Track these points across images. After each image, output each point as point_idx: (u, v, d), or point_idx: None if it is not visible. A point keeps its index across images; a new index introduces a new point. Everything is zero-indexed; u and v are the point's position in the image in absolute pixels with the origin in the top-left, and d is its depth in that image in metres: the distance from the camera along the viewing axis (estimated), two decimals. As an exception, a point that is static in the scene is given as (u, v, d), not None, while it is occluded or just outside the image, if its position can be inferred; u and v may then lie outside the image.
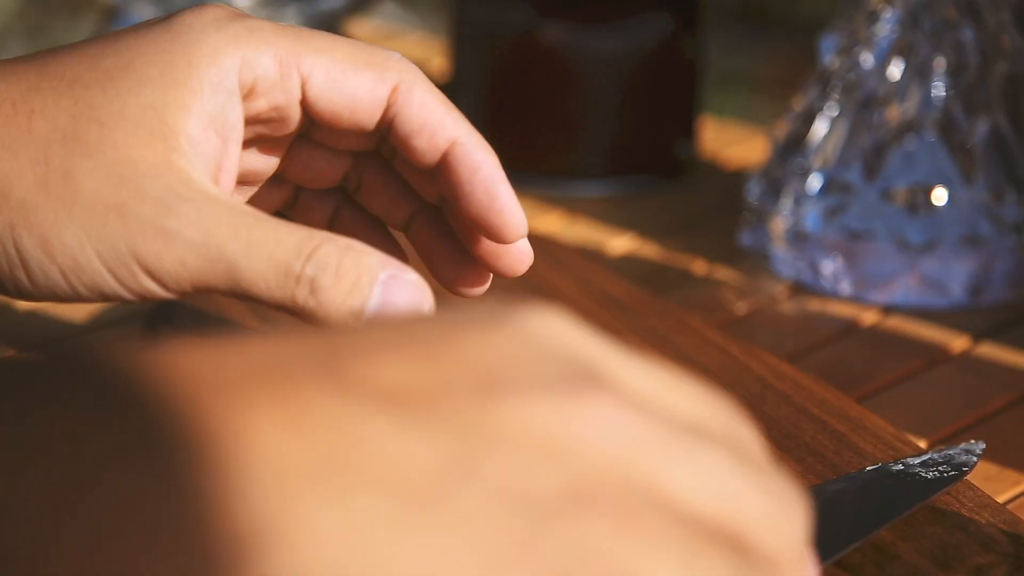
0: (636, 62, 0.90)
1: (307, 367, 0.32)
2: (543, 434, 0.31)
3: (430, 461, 0.30)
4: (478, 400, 0.32)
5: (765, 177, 0.81)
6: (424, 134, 0.51)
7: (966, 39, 0.77)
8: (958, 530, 0.52)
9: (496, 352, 0.33)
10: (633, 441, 0.32)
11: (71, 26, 2.30)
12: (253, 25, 0.50)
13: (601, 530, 0.31)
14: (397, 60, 0.52)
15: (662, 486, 0.32)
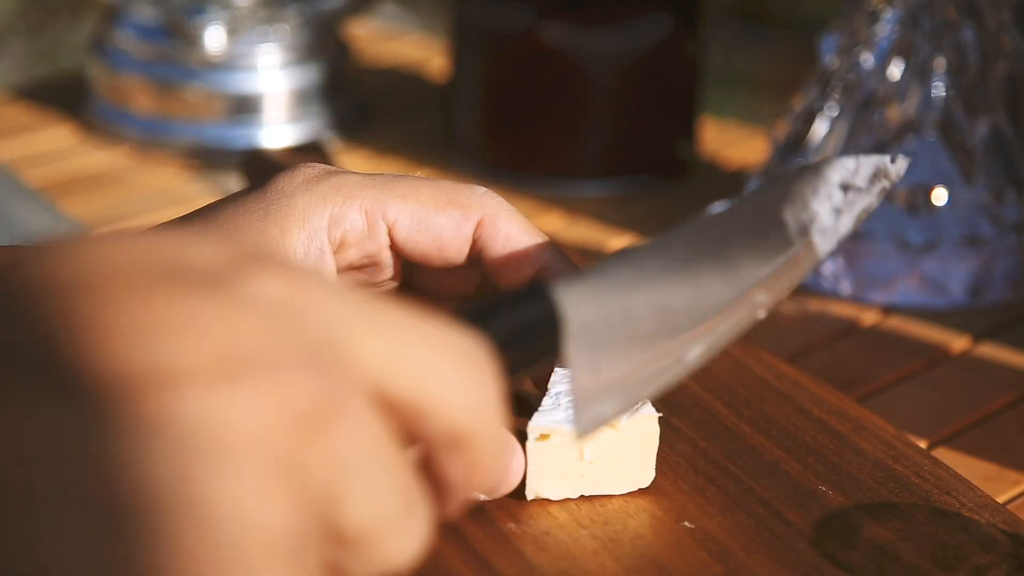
0: (636, 62, 0.90)
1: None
2: (253, 431, 0.33)
3: (151, 477, 0.32)
4: (201, 396, 0.32)
5: (765, 177, 0.81)
6: (511, 264, 0.54)
7: (966, 39, 0.77)
8: (958, 530, 0.52)
9: (224, 327, 0.33)
10: (308, 430, 0.34)
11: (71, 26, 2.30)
12: (340, 182, 0.53)
13: (347, 501, 0.34)
14: (480, 196, 0.54)
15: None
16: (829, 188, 0.49)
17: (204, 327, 0.33)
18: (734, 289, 0.47)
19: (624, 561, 0.50)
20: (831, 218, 0.49)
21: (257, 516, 0.32)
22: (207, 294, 0.33)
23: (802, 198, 0.49)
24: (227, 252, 0.35)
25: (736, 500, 0.54)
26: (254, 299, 0.34)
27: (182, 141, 0.97)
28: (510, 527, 0.52)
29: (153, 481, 0.32)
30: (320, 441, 0.33)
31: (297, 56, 0.98)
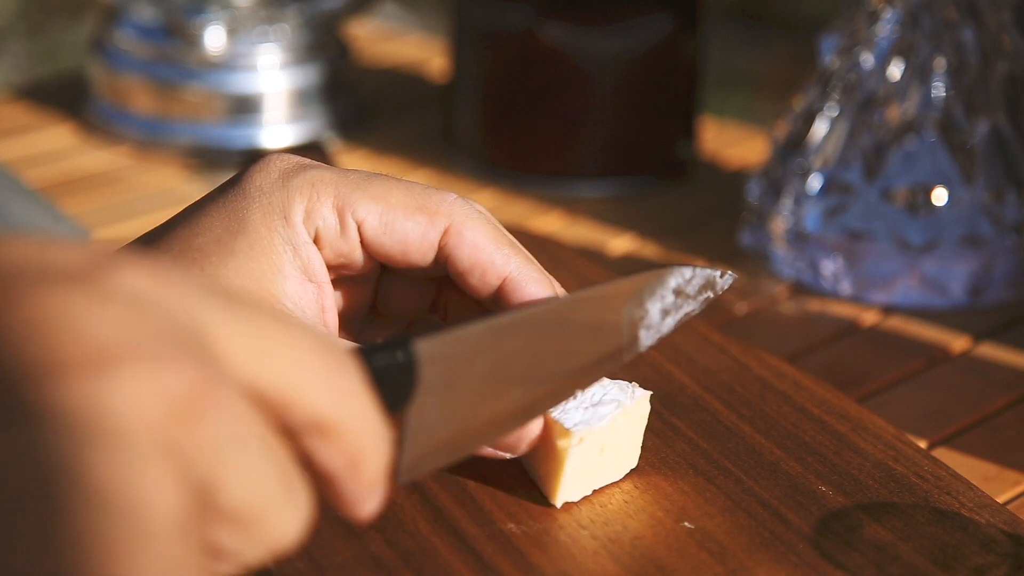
0: (636, 62, 0.90)
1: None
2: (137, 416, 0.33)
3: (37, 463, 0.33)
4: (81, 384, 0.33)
5: (765, 177, 0.81)
6: (475, 273, 0.54)
7: (966, 39, 0.77)
8: (958, 530, 0.52)
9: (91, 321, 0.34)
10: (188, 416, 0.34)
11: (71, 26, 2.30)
12: (314, 177, 0.54)
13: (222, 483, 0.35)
14: (450, 203, 0.54)
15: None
16: (664, 291, 0.54)
17: (74, 321, 0.34)
18: (565, 368, 0.51)
19: (624, 562, 0.50)
20: (658, 317, 0.54)
21: (144, 497, 0.33)
22: (73, 290, 0.34)
23: (640, 296, 0.53)
24: (88, 252, 0.36)
25: (736, 500, 0.54)
26: (119, 292, 0.35)
27: (182, 141, 0.97)
28: (510, 528, 0.52)
29: (44, 469, 0.33)
30: (196, 426, 0.34)
31: (297, 56, 0.98)
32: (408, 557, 0.50)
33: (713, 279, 0.55)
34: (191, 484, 0.34)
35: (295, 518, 0.37)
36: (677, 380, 0.62)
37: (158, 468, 0.34)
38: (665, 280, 0.54)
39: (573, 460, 0.52)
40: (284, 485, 0.36)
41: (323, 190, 0.53)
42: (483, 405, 0.49)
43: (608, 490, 0.54)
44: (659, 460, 0.56)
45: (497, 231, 0.54)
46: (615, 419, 0.53)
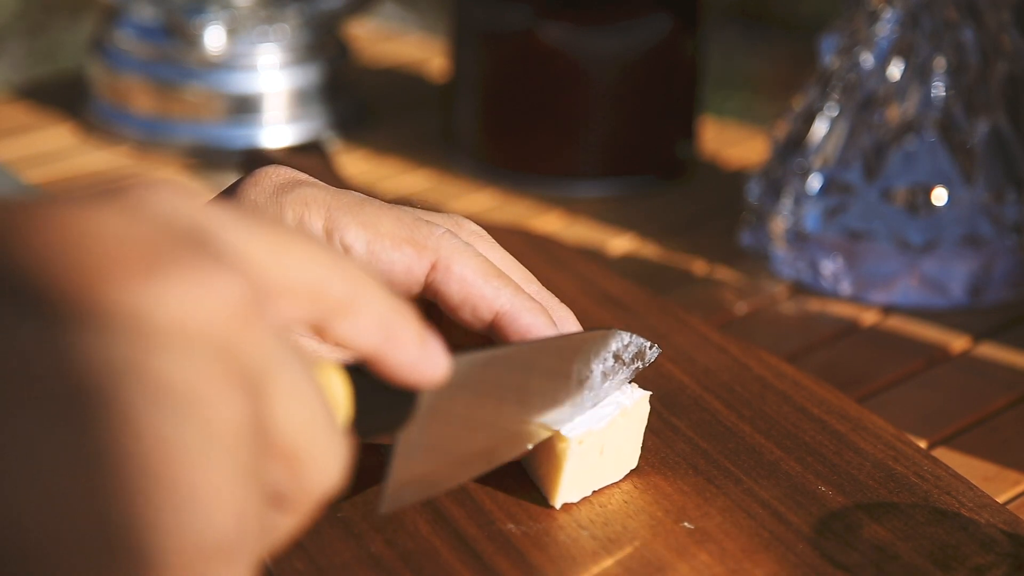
0: (636, 62, 0.90)
1: None
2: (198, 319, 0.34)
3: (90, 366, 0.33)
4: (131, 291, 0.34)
5: (765, 177, 0.81)
6: (467, 308, 0.54)
7: (966, 39, 0.77)
8: (958, 530, 0.52)
9: (122, 227, 0.35)
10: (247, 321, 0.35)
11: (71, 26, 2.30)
12: (307, 195, 0.53)
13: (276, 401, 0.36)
14: (439, 237, 0.54)
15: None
16: (606, 354, 0.54)
17: (116, 232, 0.34)
18: (523, 416, 0.52)
19: (624, 562, 0.50)
20: (599, 380, 0.54)
21: (209, 398, 0.34)
22: (109, 206, 0.35)
23: (587, 357, 0.53)
24: (112, 181, 0.37)
25: (736, 500, 0.54)
26: (150, 207, 0.36)
27: (182, 141, 0.97)
28: (510, 528, 0.52)
29: (108, 372, 0.33)
30: (251, 330, 0.35)
31: (297, 56, 0.98)
32: (408, 557, 0.50)
33: (644, 348, 0.55)
34: (249, 390, 0.35)
35: (336, 459, 0.38)
36: (677, 380, 0.62)
37: (220, 370, 0.34)
38: (608, 342, 0.54)
39: (572, 461, 0.52)
40: (324, 417, 0.37)
41: (315, 210, 0.53)
42: (458, 441, 0.49)
43: (608, 490, 0.54)
44: (659, 460, 0.56)
45: (486, 264, 0.54)
46: (614, 420, 0.53)
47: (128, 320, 0.33)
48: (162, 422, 0.33)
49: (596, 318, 0.68)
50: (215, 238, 0.36)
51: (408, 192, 0.91)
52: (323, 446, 0.37)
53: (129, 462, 0.33)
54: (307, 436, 0.37)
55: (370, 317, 0.40)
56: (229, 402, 0.34)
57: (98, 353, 0.33)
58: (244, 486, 0.35)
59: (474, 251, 0.54)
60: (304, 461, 0.37)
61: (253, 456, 0.35)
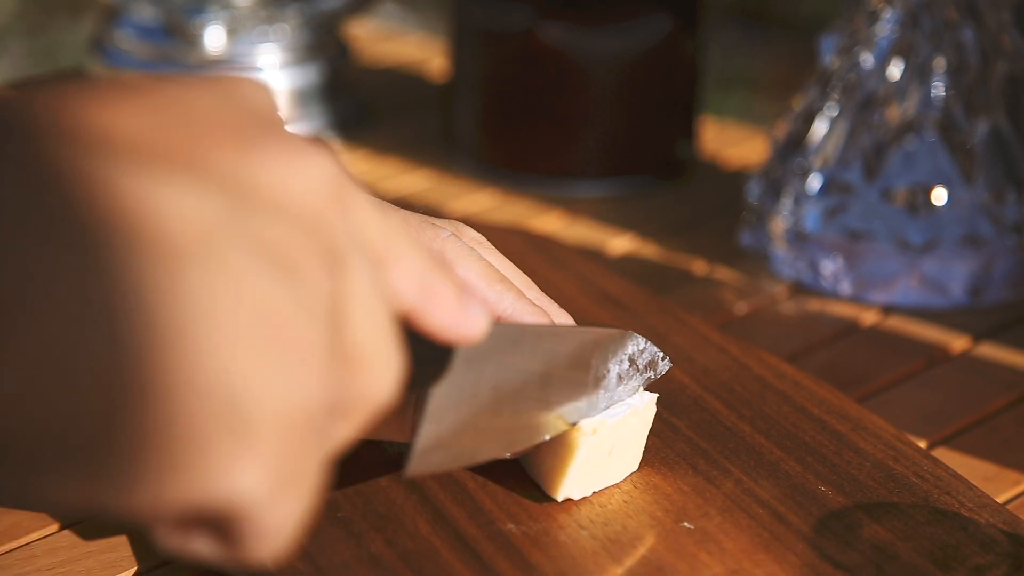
0: (636, 62, 0.90)
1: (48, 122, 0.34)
2: (295, 192, 0.35)
3: (195, 219, 0.33)
4: (232, 156, 0.35)
5: (765, 177, 0.81)
6: None
7: (966, 39, 0.77)
8: (958, 530, 0.52)
9: (219, 107, 0.36)
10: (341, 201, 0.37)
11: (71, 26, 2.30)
12: None
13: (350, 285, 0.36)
14: (443, 239, 0.54)
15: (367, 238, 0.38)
16: (623, 355, 0.54)
17: (212, 109, 0.36)
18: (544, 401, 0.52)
19: (624, 562, 0.50)
20: (615, 382, 0.55)
21: (298, 264, 0.34)
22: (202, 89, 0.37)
23: (606, 357, 0.54)
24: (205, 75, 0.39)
25: (736, 500, 0.54)
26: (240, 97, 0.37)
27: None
28: (510, 528, 0.52)
29: (209, 227, 0.33)
30: (340, 211, 0.36)
31: (297, 56, 0.98)
32: (408, 557, 0.50)
33: (656, 358, 0.56)
34: (333, 270, 0.36)
35: (393, 369, 0.38)
36: (677, 380, 0.62)
37: (312, 243, 0.35)
38: (625, 343, 0.54)
39: (583, 452, 0.52)
40: (387, 321, 0.38)
41: None
42: (484, 411, 0.49)
43: (608, 490, 0.54)
44: (659, 460, 0.56)
45: (489, 268, 0.54)
46: (625, 418, 0.54)
47: (230, 182, 0.34)
48: (261, 281, 0.33)
49: (596, 318, 0.68)
50: (296, 135, 0.37)
51: (408, 192, 0.91)
52: (384, 353, 0.37)
53: (226, 316, 0.33)
54: (371, 339, 0.37)
55: (406, 271, 0.40)
56: (320, 275, 0.35)
57: (195, 207, 0.33)
58: (330, 357, 0.35)
59: (478, 255, 0.54)
60: (365, 365, 0.37)
61: (334, 337, 0.35)
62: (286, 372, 0.33)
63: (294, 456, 0.34)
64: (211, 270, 0.33)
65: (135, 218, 0.33)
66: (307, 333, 0.34)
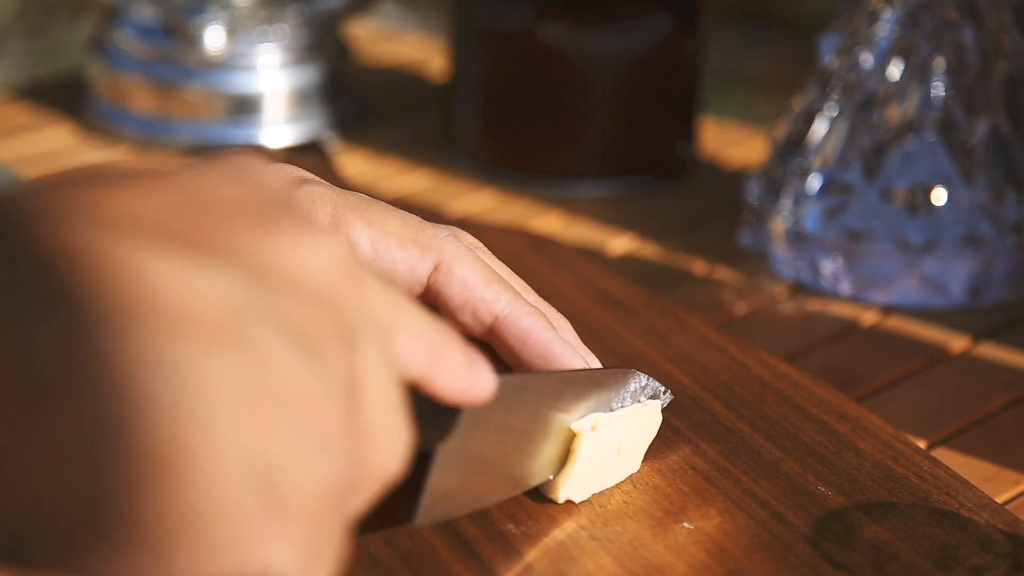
0: (636, 62, 0.90)
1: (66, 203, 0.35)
2: (312, 271, 0.36)
3: (222, 299, 0.34)
4: (252, 238, 0.35)
5: (765, 177, 0.81)
6: (467, 311, 0.54)
7: (966, 39, 0.77)
8: (957, 530, 0.52)
9: (235, 191, 0.37)
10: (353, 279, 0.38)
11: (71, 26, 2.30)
12: (314, 193, 0.54)
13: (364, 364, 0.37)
14: (442, 239, 0.54)
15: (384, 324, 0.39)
16: (625, 393, 0.54)
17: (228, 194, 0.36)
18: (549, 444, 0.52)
19: (623, 562, 0.50)
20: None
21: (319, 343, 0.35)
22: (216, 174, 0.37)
23: (608, 394, 0.54)
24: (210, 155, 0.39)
25: (735, 501, 0.54)
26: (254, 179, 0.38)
27: (182, 141, 0.97)
28: (509, 528, 0.52)
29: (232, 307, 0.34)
30: (353, 289, 0.37)
31: (297, 56, 0.98)
32: (407, 557, 0.50)
33: (658, 392, 0.56)
34: (347, 347, 0.36)
35: (402, 443, 0.38)
36: (676, 379, 0.62)
37: (329, 321, 0.36)
38: (628, 381, 0.54)
39: (584, 450, 0.52)
40: (397, 396, 0.38)
41: (321, 207, 0.53)
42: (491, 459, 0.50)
43: (607, 491, 0.54)
44: (658, 460, 0.56)
45: (487, 268, 0.54)
46: (628, 416, 0.54)
47: (251, 262, 0.34)
48: (287, 359, 0.34)
49: (596, 318, 0.68)
50: (308, 216, 0.38)
51: (408, 192, 0.91)
52: (394, 428, 0.38)
53: (257, 395, 0.33)
54: (382, 414, 0.37)
55: (414, 342, 0.41)
56: (336, 351, 0.35)
57: (221, 287, 0.34)
58: (348, 433, 0.35)
59: (476, 256, 0.54)
60: (376, 439, 0.37)
61: (350, 414, 0.36)
62: (314, 449, 0.34)
63: (323, 529, 0.35)
64: (239, 349, 0.33)
65: (163, 300, 0.33)
66: (330, 410, 0.35)
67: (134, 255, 0.33)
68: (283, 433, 0.34)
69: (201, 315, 0.33)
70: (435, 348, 0.42)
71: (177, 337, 0.33)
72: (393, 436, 0.38)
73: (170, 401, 0.32)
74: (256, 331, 0.34)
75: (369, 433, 0.37)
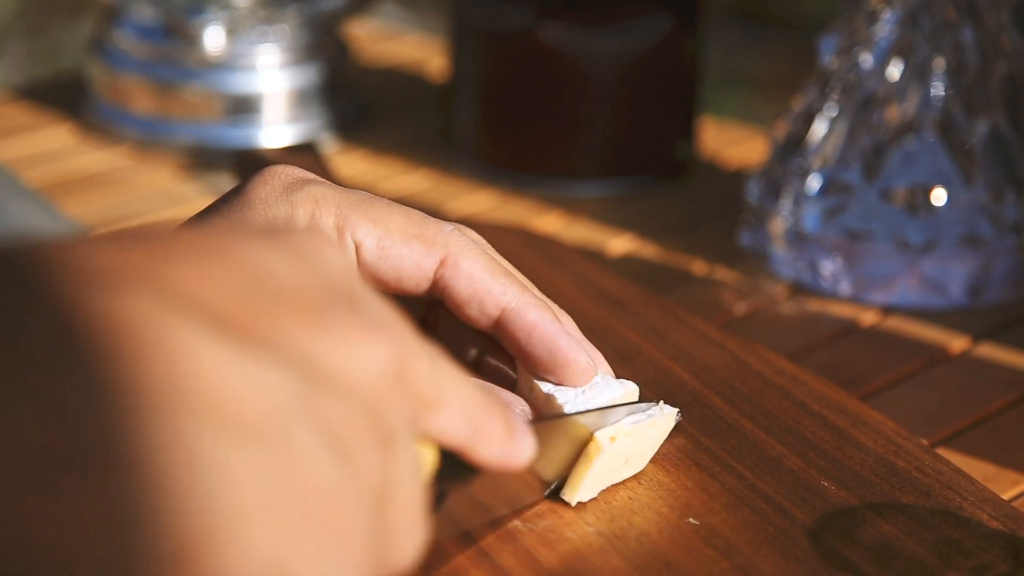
0: (636, 62, 0.90)
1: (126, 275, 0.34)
2: (360, 374, 0.36)
3: (266, 396, 0.33)
4: (306, 333, 0.35)
5: (765, 177, 0.82)
6: (473, 304, 0.54)
7: (966, 39, 0.77)
8: (960, 525, 0.53)
9: (296, 274, 0.36)
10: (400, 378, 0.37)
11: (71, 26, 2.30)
12: (317, 193, 0.54)
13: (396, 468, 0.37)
14: (447, 233, 0.54)
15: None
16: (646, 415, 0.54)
17: (286, 275, 0.36)
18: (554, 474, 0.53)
19: (630, 558, 0.50)
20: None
21: (358, 450, 0.35)
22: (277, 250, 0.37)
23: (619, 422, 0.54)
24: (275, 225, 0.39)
25: (739, 496, 0.54)
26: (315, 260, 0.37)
27: (181, 141, 0.97)
28: (516, 525, 0.52)
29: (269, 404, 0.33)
30: (397, 393, 0.37)
31: (297, 56, 0.98)
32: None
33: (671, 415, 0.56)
34: (382, 452, 0.36)
35: (419, 540, 0.39)
36: (676, 376, 0.62)
37: (368, 425, 0.35)
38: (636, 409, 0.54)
39: (599, 462, 0.52)
40: (421, 497, 0.38)
41: (325, 207, 0.53)
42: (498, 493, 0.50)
43: (613, 487, 0.54)
44: (661, 457, 0.56)
45: (493, 261, 0.54)
46: (644, 427, 0.54)
47: (300, 358, 0.34)
48: (322, 461, 0.34)
49: (595, 317, 0.68)
50: (367, 303, 0.37)
51: (408, 192, 0.92)
52: (414, 528, 0.38)
53: (285, 495, 0.33)
54: (406, 515, 0.38)
55: (458, 413, 0.41)
56: (375, 458, 0.35)
57: (267, 382, 0.33)
58: (371, 539, 0.36)
59: (481, 249, 0.54)
60: (396, 538, 0.37)
61: (377, 515, 0.36)
62: (330, 556, 0.34)
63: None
64: (273, 449, 0.33)
65: (209, 391, 0.33)
66: (355, 517, 0.35)
67: (188, 339, 0.33)
68: (301, 536, 0.34)
69: (243, 410, 0.33)
70: (477, 421, 0.42)
71: (215, 429, 0.33)
72: (411, 534, 0.38)
73: (199, 493, 0.32)
74: (294, 431, 0.34)
75: (391, 532, 0.37)
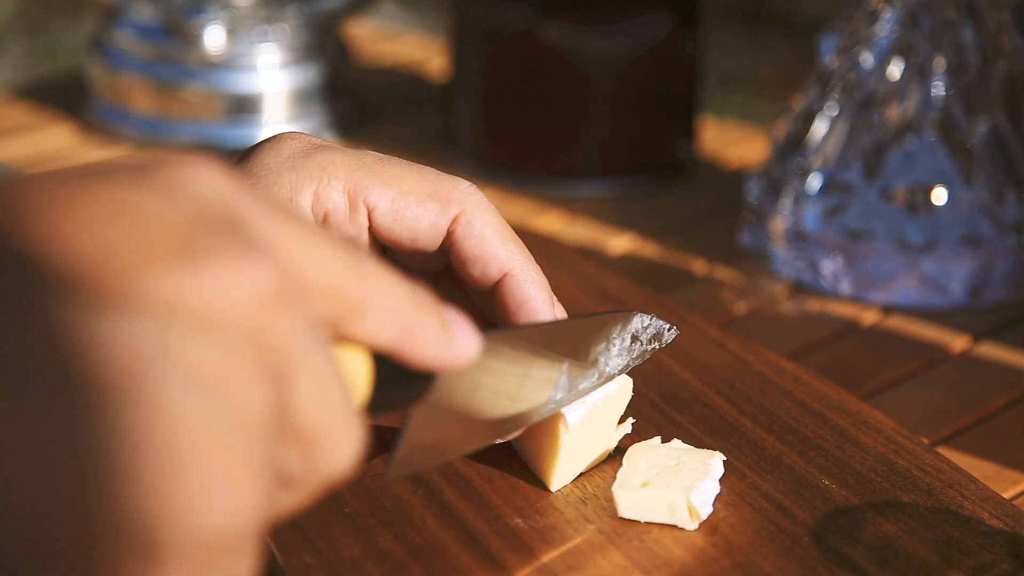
0: (636, 62, 0.90)
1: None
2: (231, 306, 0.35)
3: (130, 352, 0.33)
4: (170, 278, 0.34)
5: (765, 177, 0.82)
6: (479, 264, 0.54)
7: (966, 39, 0.77)
8: (961, 524, 0.53)
9: (164, 210, 0.35)
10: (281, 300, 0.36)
11: (71, 26, 2.30)
12: (326, 159, 0.53)
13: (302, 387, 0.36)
14: (462, 191, 0.54)
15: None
16: (625, 334, 0.55)
17: (150, 214, 0.35)
18: (544, 393, 0.52)
19: (631, 556, 0.50)
20: (613, 356, 0.55)
21: (239, 385, 0.34)
22: (145, 186, 0.35)
23: (607, 337, 0.54)
24: (150, 157, 0.37)
25: (741, 494, 0.54)
26: (187, 190, 0.36)
27: (182, 141, 0.97)
28: (517, 523, 0.52)
29: (137, 356, 0.33)
30: (280, 317, 0.35)
31: (297, 56, 0.98)
32: (416, 552, 0.50)
33: (662, 330, 0.56)
34: (274, 377, 0.35)
35: (352, 444, 0.38)
36: (677, 376, 0.62)
37: (249, 357, 0.35)
38: (629, 322, 0.55)
39: (567, 446, 0.53)
40: (345, 403, 0.38)
41: (334, 173, 0.53)
42: (469, 413, 0.49)
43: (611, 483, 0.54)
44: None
45: (504, 226, 0.54)
46: (601, 404, 0.54)
47: (162, 306, 0.34)
48: (189, 407, 0.33)
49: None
50: (248, 224, 0.36)
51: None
52: (341, 432, 0.37)
53: (149, 447, 0.33)
54: (327, 422, 0.37)
55: (384, 316, 0.40)
56: (256, 389, 0.35)
57: (127, 337, 0.33)
58: (260, 475, 0.35)
59: (495, 211, 0.54)
60: (321, 446, 0.37)
61: (272, 443, 0.35)
62: (206, 498, 0.34)
63: (213, 571, 0.35)
64: (139, 404, 0.33)
65: (70, 353, 0.33)
66: (235, 453, 0.34)
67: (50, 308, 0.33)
68: (173, 484, 0.33)
69: (97, 373, 0.33)
70: (407, 321, 0.41)
71: (81, 392, 0.33)
72: (339, 439, 0.38)
73: (68, 454, 0.33)
74: (159, 383, 0.33)
75: (311, 440, 0.37)
